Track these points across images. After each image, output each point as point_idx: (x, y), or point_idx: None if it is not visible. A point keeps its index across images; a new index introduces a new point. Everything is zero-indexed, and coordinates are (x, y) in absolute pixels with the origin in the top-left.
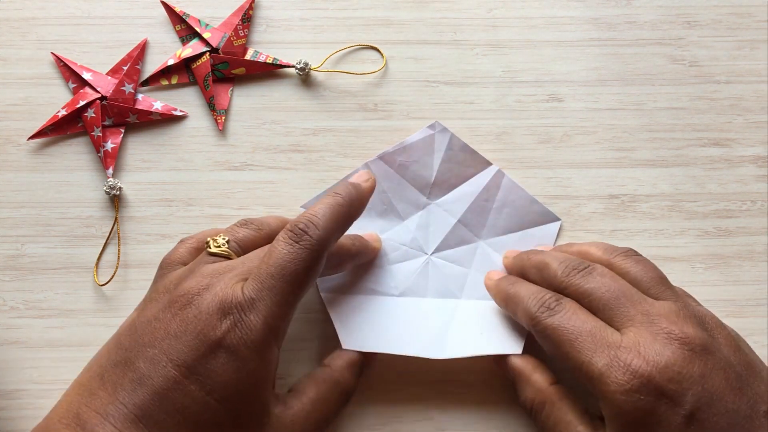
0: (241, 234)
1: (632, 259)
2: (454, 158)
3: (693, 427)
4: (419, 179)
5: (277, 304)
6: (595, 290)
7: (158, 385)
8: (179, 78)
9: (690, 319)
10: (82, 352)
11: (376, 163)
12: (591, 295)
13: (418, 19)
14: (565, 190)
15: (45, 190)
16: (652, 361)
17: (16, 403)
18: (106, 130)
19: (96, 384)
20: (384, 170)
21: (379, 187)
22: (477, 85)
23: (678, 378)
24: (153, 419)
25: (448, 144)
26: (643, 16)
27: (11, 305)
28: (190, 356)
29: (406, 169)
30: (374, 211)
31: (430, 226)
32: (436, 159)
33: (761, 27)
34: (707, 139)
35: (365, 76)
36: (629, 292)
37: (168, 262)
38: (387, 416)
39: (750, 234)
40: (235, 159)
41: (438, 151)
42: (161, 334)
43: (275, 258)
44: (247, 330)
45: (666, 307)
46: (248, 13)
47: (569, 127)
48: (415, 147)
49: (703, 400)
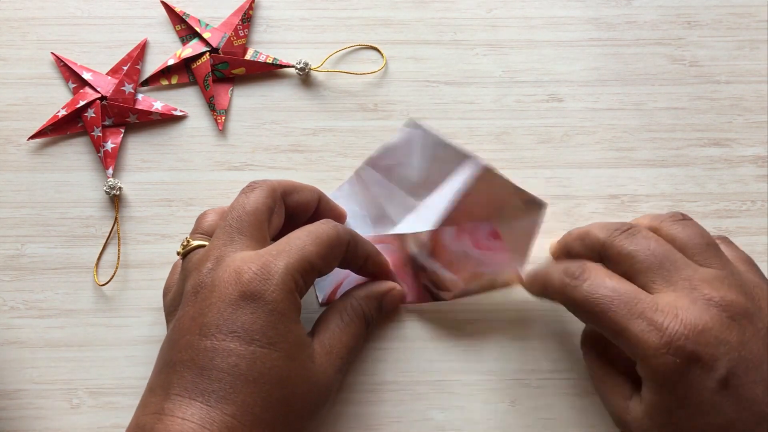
0: (204, 226)
1: (680, 223)
2: (431, 156)
3: (727, 391)
4: (405, 181)
5: (296, 250)
6: (638, 252)
7: (200, 361)
8: (179, 78)
9: (734, 286)
10: (82, 352)
11: (366, 170)
12: (633, 258)
13: (418, 19)
14: (565, 190)
15: (45, 190)
16: (689, 324)
17: (16, 403)
18: (106, 130)
19: (146, 398)
20: (373, 177)
21: (372, 194)
22: (477, 85)
23: (715, 342)
24: (209, 391)
25: (423, 141)
26: (643, 16)
27: (11, 305)
28: (220, 320)
29: (391, 172)
30: (369, 218)
31: (419, 227)
32: (415, 158)
33: (761, 27)
34: (707, 139)
35: (365, 76)
36: (673, 256)
37: (166, 291)
38: (387, 416)
39: (750, 234)
40: (235, 159)
41: (416, 150)
42: (187, 324)
43: (235, 205)
44: (268, 273)
45: (710, 273)
46: (248, 13)
47: (569, 127)
48: (396, 148)
49: (739, 367)
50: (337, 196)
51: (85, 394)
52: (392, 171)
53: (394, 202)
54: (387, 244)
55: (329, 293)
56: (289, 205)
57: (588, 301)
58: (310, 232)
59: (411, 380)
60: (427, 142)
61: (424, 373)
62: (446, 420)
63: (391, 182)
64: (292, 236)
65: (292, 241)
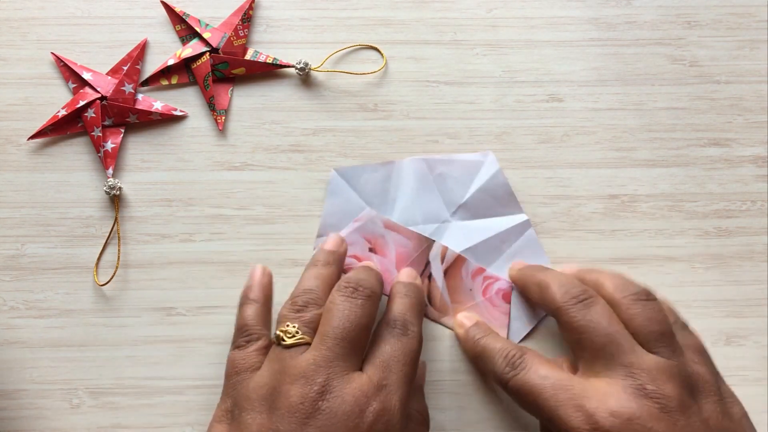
0: (308, 316)
1: (641, 304)
2: (491, 191)
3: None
4: (450, 194)
5: (406, 388)
6: (587, 329)
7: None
8: (179, 78)
9: (675, 378)
10: (82, 352)
11: (417, 161)
12: (581, 333)
13: (418, 19)
14: (565, 190)
15: (45, 190)
16: (616, 412)
17: (16, 403)
18: (106, 130)
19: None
20: (422, 171)
21: (411, 185)
22: (477, 85)
23: (641, 430)
24: None
25: (492, 176)
26: (643, 16)
27: (11, 305)
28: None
29: (443, 181)
30: (398, 203)
31: (443, 240)
32: (474, 184)
33: (761, 27)
34: (707, 139)
35: (365, 76)
36: (619, 340)
37: (239, 369)
38: None
39: (750, 234)
40: (235, 159)
41: (480, 178)
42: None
43: (395, 348)
44: (389, 414)
45: (653, 362)
46: (248, 13)
47: (569, 127)
48: (460, 164)
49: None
50: (375, 169)
51: (85, 394)
52: (444, 180)
53: (428, 205)
54: (406, 238)
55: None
56: None
57: (523, 389)
58: (404, 352)
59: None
60: (494, 178)
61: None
62: (446, 420)
63: (437, 187)
64: (388, 356)
65: (393, 365)
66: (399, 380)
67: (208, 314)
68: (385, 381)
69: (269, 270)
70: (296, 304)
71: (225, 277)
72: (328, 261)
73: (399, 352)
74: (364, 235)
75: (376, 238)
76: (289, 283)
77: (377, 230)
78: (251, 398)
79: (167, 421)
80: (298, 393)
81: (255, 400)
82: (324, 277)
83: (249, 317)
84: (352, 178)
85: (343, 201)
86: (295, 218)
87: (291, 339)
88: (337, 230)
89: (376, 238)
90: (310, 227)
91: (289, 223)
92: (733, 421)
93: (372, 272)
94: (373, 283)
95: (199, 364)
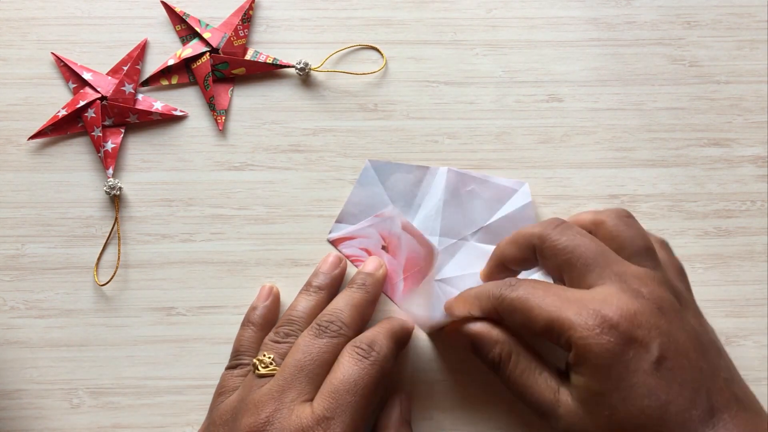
0: (284, 348)
1: (624, 221)
2: (517, 221)
3: (660, 374)
4: (475, 214)
5: (355, 419)
6: (574, 246)
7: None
8: (179, 78)
9: (663, 285)
10: (82, 352)
11: (452, 172)
12: (569, 252)
13: (418, 19)
14: (565, 190)
15: (45, 190)
16: (620, 309)
17: (16, 403)
18: (106, 130)
19: None
20: (454, 184)
21: (439, 195)
22: (477, 85)
23: (647, 325)
24: None
25: (522, 207)
26: (643, 16)
27: (11, 305)
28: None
29: (471, 198)
30: (422, 210)
31: (455, 257)
32: (502, 210)
33: (761, 27)
34: (707, 139)
35: (365, 76)
36: (606, 253)
37: (223, 389)
38: None
39: (750, 234)
40: (235, 159)
41: (509, 205)
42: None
43: (347, 375)
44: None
45: (641, 271)
46: (248, 13)
47: (569, 127)
48: (493, 187)
49: (670, 350)
50: (409, 170)
51: (85, 394)
52: (473, 198)
53: (451, 220)
54: (419, 245)
55: (339, 236)
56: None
57: (522, 298)
58: (358, 380)
59: (411, 380)
60: (524, 209)
61: (424, 373)
62: (446, 420)
63: (464, 204)
64: (339, 384)
65: (342, 395)
66: (346, 412)
67: (208, 314)
68: (329, 413)
69: (277, 290)
70: (278, 335)
71: (225, 277)
72: (320, 286)
73: (352, 380)
74: (380, 231)
75: (391, 236)
76: (289, 284)
77: (394, 229)
78: (216, 423)
79: (167, 421)
80: (248, 422)
81: (219, 425)
82: (311, 305)
83: (244, 340)
84: (384, 173)
85: (369, 193)
86: (295, 218)
87: (264, 369)
88: (357, 220)
89: (392, 237)
90: (310, 227)
91: (289, 223)
92: (709, 332)
93: (349, 306)
94: (345, 319)
95: (199, 364)
